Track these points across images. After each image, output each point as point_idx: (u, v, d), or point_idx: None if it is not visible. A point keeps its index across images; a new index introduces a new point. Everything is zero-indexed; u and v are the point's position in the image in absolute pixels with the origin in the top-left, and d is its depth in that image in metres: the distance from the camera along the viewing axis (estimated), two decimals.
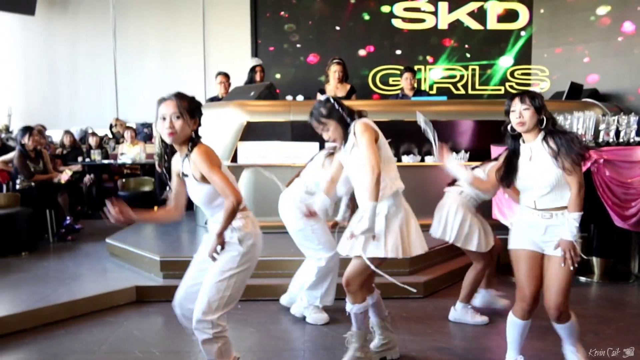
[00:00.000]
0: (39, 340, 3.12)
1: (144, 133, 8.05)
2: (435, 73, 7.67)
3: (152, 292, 3.81)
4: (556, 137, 2.36)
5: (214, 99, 6.20)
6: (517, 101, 2.42)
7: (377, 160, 2.49)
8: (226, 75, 6.22)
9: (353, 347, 2.63)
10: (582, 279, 4.29)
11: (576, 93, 5.68)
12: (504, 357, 2.82)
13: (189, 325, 2.27)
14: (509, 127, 2.48)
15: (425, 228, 4.77)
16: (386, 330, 2.81)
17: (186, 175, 2.25)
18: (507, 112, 2.47)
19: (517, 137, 2.49)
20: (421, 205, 4.99)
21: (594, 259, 4.36)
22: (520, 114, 2.39)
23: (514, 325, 2.50)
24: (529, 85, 7.52)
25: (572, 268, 2.31)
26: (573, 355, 2.52)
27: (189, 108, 2.17)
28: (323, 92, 5.72)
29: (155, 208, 6.47)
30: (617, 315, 3.54)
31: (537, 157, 2.39)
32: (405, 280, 3.83)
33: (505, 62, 7.60)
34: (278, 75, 7.72)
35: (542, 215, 2.38)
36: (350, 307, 2.61)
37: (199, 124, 2.24)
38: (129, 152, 6.98)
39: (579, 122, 4.19)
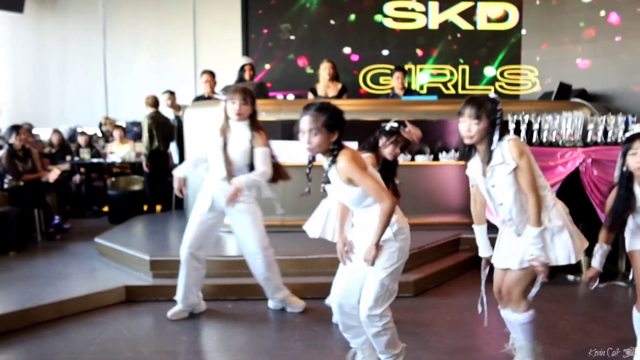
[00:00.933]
0: (27, 341, 3.09)
1: (133, 132, 7.99)
2: (423, 77, 7.70)
3: (141, 292, 3.78)
4: None
5: (201, 98, 6.17)
6: (637, 143, 2.42)
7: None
8: (211, 74, 6.19)
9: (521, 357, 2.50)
10: (571, 277, 4.33)
11: (565, 93, 5.74)
12: (493, 355, 2.85)
13: (347, 320, 2.43)
14: (623, 170, 2.50)
15: (415, 227, 4.87)
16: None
17: (328, 182, 2.31)
18: (625, 154, 2.48)
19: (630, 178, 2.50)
20: (411, 204, 5.05)
21: (582, 258, 4.39)
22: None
23: (636, 320, 2.56)
24: (518, 85, 7.57)
25: None
26: None
27: (327, 123, 2.19)
28: (314, 91, 5.72)
29: (145, 207, 6.50)
30: (606, 313, 3.58)
31: None
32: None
33: (489, 71, 7.67)
34: (267, 66, 7.68)
35: None
36: (515, 316, 2.49)
37: (341, 134, 2.26)
38: (118, 151, 6.94)
39: (568, 122, 4.23)
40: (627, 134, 2.57)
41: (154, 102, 6.57)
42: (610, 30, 6.65)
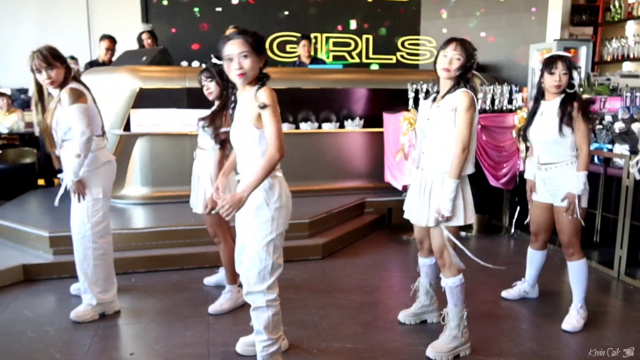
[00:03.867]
0: None
1: (20, 100, 7.32)
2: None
3: (41, 270, 3.60)
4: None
5: (94, 63, 5.80)
6: (559, 64, 2.74)
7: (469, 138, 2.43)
8: (110, 39, 5.83)
9: (452, 326, 2.56)
10: (462, 233, 4.75)
11: None
12: (396, 307, 3.10)
13: None
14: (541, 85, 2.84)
15: (323, 192, 5.05)
16: (428, 294, 2.90)
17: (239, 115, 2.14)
18: (542, 72, 2.81)
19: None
20: (319, 171, 5.22)
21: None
22: (559, 77, 2.74)
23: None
24: (417, 55, 7.93)
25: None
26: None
27: (255, 44, 2.06)
28: (219, 59, 5.61)
29: (41, 181, 6.06)
30: (491, 263, 3.98)
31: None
32: (305, 243, 4.04)
33: (390, 41, 7.91)
34: (174, 30, 7.35)
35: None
36: (446, 281, 2.56)
37: (266, 62, 2.13)
38: (5, 121, 6.36)
39: None
40: (547, 56, 2.89)
41: None
42: (498, 6, 7.16)
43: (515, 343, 2.71)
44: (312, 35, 7.10)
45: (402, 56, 7.97)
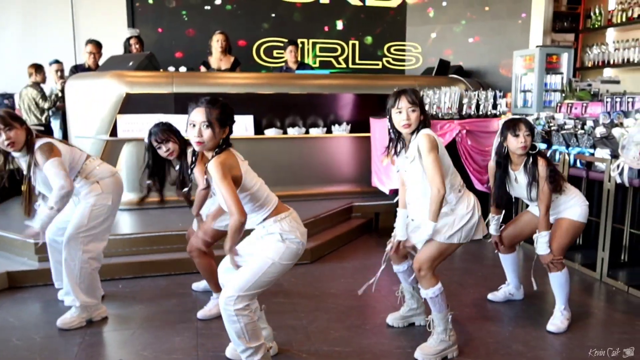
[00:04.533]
0: None
1: (4, 105, 7.23)
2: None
3: (26, 277, 3.56)
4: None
5: (79, 68, 5.76)
6: (522, 127, 2.79)
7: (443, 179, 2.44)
8: (96, 44, 5.79)
9: (438, 331, 2.59)
10: None
11: (444, 69, 6.21)
12: (383, 311, 3.13)
13: None
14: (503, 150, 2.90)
15: (310, 197, 5.07)
16: (414, 297, 2.93)
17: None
18: (505, 136, 2.86)
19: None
20: (306, 176, 5.24)
21: None
22: (524, 139, 2.80)
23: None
24: (403, 60, 8.01)
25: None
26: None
27: (220, 117, 2.11)
28: (206, 64, 5.61)
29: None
30: (477, 266, 4.05)
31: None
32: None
33: (377, 47, 7.98)
34: (160, 35, 7.33)
35: None
36: (425, 292, 2.58)
37: (230, 132, 2.19)
38: None
39: (446, 96, 4.62)
40: (505, 118, 2.98)
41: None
42: (483, 13, 7.27)
43: (501, 345, 2.75)
44: (299, 40, 7.13)
45: (388, 62, 8.04)
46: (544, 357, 2.63)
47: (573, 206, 2.95)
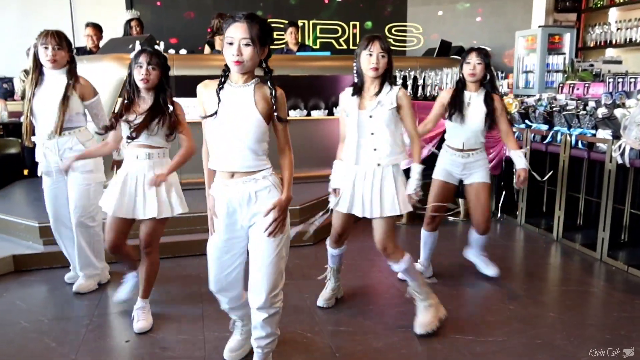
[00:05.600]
0: None
1: (3, 89, 7.20)
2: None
3: (31, 261, 3.59)
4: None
5: (81, 50, 5.72)
6: (473, 55, 3.00)
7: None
8: (96, 27, 5.74)
9: (420, 299, 2.68)
10: (451, 219, 4.83)
11: (446, 50, 6.17)
12: (385, 290, 3.17)
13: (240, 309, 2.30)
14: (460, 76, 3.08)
15: (313, 179, 5.08)
16: (337, 276, 3.07)
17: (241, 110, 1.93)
18: (461, 63, 3.07)
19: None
20: (308, 158, 5.24)
21: (460, 201, 4.92)
22: (473, 67, 2.98)
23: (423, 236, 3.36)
24: (404, 41, 7.95)
25: None
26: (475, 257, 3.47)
27: (261, 34, 1.85)
28: (212, 44, 5.58)
29: (26, 171, 5.99)
30: (449, 244, 4.07)
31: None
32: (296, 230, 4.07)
33: (378, 28, 7.91)
34: (158, 12, 7.27)
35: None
36: (398, 266, 2.66)
37: (270, 54, 1.94)
38: None
39: (448, 77, 4.61)
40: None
41: None
42: None
43: (502, 323, 2.79)
44: (299, 22, 7.07)
45: (389, 43, 7.99)
46: (544, 334, 2.67)
47: (484, 166, 3.20)
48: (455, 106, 3.07)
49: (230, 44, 1.85)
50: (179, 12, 7.38)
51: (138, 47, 2.65)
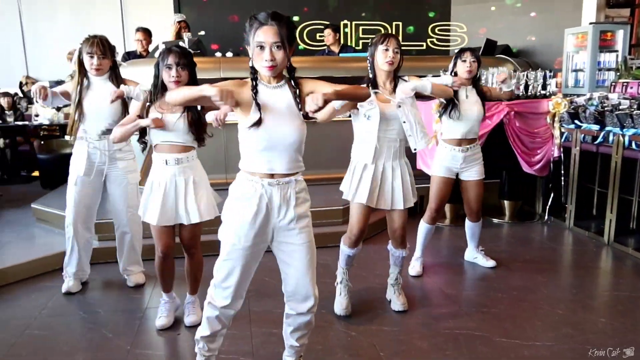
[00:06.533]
0: None
1: None
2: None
3: None
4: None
5: (132, 55, 5.95)
6: (468, 54, 3.24)
7: None
8: (146, 32, 5.95)
9: (399, 283, 3.04)
10: (495, 220, 4.75)
11: (491, 49, 6.06)
12: (427, 292, 3.16)
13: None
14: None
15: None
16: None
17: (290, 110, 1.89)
18: (455, 62, 3.29)
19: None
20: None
21: (505, 202, 4.83)
22: (470, 64, 3.22)
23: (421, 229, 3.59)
24: (448, 41, 7.86)
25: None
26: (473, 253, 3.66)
27: (289, 35, 1.81)
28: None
29: None
30: (525, 249, 4.01)
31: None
32: (340, 229, 4.08)
33: (421, 28, 7.84)
34: (202, 32, 7.49)
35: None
36: (405, 252, 2.96)
37: (294, 51, 1.91)
38: (44, 113, 6.60)
39: (494, 77, 4.53)
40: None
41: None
42: None
43: (550, 327, 2.74)
44: (342, 23, 7.11)
45: (432, 42, 7.90)
46: (594, 340, 2.60)
47: (480, 161, 3.40)
48: (454, 103, 3.24)
49: (261, 47, 1.80)
50: (223, 15, 7.56)
51: (162, 46, 2.69)
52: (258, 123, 1.82)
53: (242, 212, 1.92)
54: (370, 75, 2.77)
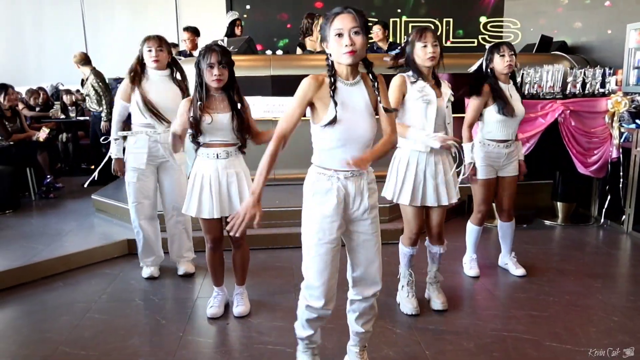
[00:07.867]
0: (39, 293, 3.25)
1: (117, 88, 7.91)
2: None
3: None
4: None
5: (183, 54, 6.14)
6: (506, 48, 3.14)
7: None
8: (193, 31, 6.13)
9: (438, 281, 3.02)
10: (547, 222, 4.62)
11: (546, 46, 5.87)
12: (474, 293, 3.12)
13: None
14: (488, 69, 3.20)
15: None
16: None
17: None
18: (491, 58, 3.18)
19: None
20: None
21: (558, 204, 4.68)
22: (510, 58, 3.11)
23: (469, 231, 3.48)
24: (501, 37, 7.66)
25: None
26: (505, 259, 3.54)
27: (365, 23, 1.82)
28: (302, 46, 5.75)
29: None
30: (579, 253, 3.87)
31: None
32: (386, 228, 4.10)
33: (473, 24, 7.67)
34: (254, 14, 7.63)
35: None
36: (442, 249, 2.91)
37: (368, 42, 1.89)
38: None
39: (549, 74, 4.39)
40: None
41: (86, 60, 6.28)
42: None
43: (604, 334, 2.65)
44: (391, 20, 7.07)
45: (484, 39, 7.73)
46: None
47: (517, 157, 3.33)
48: (503, 100, 3.14)
49: (340, 35, 1.79)
50: (272, 13, 7.68)
51: (223, 44, 2.77)
52: (333, 121, 1.84)
53: (324, 207, 1.93)
54: (412, 74, 2.66)
